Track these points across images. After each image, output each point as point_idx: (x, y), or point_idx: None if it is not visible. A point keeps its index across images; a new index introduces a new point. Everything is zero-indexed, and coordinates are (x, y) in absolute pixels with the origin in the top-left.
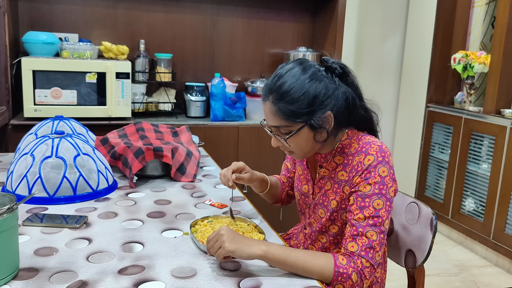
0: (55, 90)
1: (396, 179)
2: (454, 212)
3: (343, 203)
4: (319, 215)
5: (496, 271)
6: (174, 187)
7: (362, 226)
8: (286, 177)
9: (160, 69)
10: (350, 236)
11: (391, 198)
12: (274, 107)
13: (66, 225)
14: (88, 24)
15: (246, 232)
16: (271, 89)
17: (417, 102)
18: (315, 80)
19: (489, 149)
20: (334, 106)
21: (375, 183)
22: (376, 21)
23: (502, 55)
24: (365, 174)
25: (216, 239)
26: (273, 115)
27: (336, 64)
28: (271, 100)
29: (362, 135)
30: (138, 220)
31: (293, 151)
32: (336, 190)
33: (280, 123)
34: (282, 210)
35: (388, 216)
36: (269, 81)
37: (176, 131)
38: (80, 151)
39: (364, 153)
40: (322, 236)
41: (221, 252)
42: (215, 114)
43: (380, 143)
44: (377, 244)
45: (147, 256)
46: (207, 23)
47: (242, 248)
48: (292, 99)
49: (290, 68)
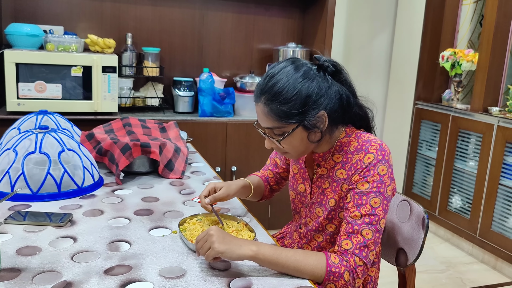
0: (39, 84)
1: (394, 179)
2: (441, 209)
3: (341, 202)
4: (316, 214)
5: (482, 268)
6: (162, 184)
7: (358, 224)
8: (273, 172)
9: (148, 64)
10: (345, 234)
11: (389, 197)
12: (267, 108)
13: (50, 223)
14: (74, 17)
15: (236, 231)
16: (263, 89)
17: (405, 99)
18: (308, 79)
19: (476, 147)
20: (327, 105)
21: (373, 181)
22: (365, 18)
23: (489, 53)
24: (364, 172)
25: (205, 240)
26: (265, 117)
27: (328, 62)
28: (263, 101)
29: (361, 133)
30: (125, 218)
31: (287, 152)
32: (334, 189)
33: (273, 124)
34: (270, 207)
35: (385, 215)
36: (260, 81)
37: (164, 127)
38: (64, 146)
39: (364, 151)
40: (319, 235)
41: (211, 253)
42: (204, 109)
43: (380, 141)
44: (371, 243)
45: (134, 256)
46: (196, 17)
47: (232, 248)
48: (285, 100)
49: (282, 68)
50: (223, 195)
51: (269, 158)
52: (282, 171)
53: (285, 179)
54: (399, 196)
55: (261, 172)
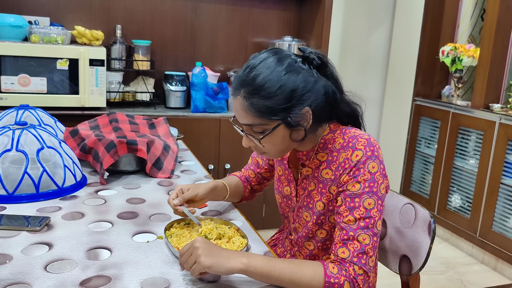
0: (23, 77)
1: (387, 175)
2: (440, 208)
3: (331, 205)
4: (304, 219)
5: (482, 269)
6: (149, 184)
7: (353, 229)
8: (255, 172)
9: (138, 57)
10: (340, 241)
11: (383, 196)
12: (247, 102)
13: (24, 228)
14: (61, 7)
15: (228, 237)
16: (243, 82)
17: (403, 95)
18: (293, 72)
19: (476, 145)
20: (313, 102)
21: (364, 180)
22: (363, 12)
23: (491, 48)
24: (354, 172)
25: (190, 253)
26: (245, 112)
27: (314, 54)
28: (242, 94)
29: (346, 129)
30: (107, 221)
31: (266, 152)
32: (321, 191)
33: (253, 121)
34: (265, 205)
35: (381, 216)
36: (240, 72)
37: (153, 123)
38: (44, 144)
39: (351, 148)
40: (309, 242)
41: (197, 268)
42: (196, 105)
43: (368, 136)
44: (370, 249)
45: (114, 265)
46: (188, 9)
47: (220, 262)
48: (268, 94)
49: (264, 59)
50: (192, 195)
51: (250, 158)
52: (264, 171)
53: (268, 179)
54: (403, 198)
55: (242, 172)
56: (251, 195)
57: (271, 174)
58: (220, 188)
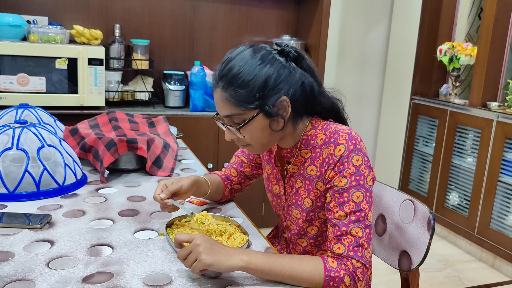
0: (22, 77)
1: (371, 166)
2: (438, 206)
3: (319, 201)
4: (294, 216)
5: (480, 266)
6: (150, 182)
7: (345, 224)
8: (237, 170)
9: (137, 56)
10: (335, 238)
11: (370, 187)
12: (225, 93)
13: (26, 226)
14: (59, 7)
15: (229, 234)
16: (220, 75)
17: (401, 94)
18: (266, 63)
19: (474, 143)
20: (289, 91)
21: (350, 174)
22: (360, 11)
23: (489, 46)
24: (338, 166)
25: (190, 250)
26: (224, 103)
27: (289, 47)
28: (221, 86)
29: (327, 124)
30: (108, 219)
31: (249, 144)
32: (308, 187)
33: (232, 111)
34: (264, 204)
35: (370, 208)
36: (218, 66)
37: (153, 122)
38: (44, 142)
39: (333, 143)
40: (302, 239)
41: (197, 266)
42: (195, 104)
43: (349, 130)
44: (364, 241)
45: (116, 261)
46: (187, 8)
47: (221, 260)
48: (242, 83)
49: (239, 52)
50: (176, 187)
51: (233, 156)
52: (249, 170)
53: (250, 179)
54: (402, 195)
55: (223, 171)
56: (231, 194)
57: (254, 173)
58: (202, 183)
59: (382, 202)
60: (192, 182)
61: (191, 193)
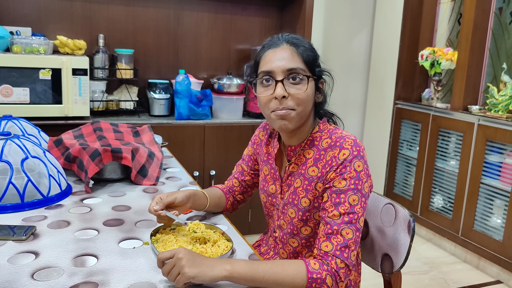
0: (5, 88)
1: (370, 175)
2: (423, 209)
3: (316, 201)
4: (289, 216)
5: (465, 268)
6: (135, 191)
7: (337, 223)
8: (239, 180)
9: (121, 66)
10: (324, 235)
11: (367, 194)
12: (295, 48)
13: (10, 237)
14: (42, 17)
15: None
16: (286, 37)
17: (385, 99)
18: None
19: (457, 146)
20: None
21: (350, 178)
22: (343, 17)
23: (468, 51)
24: (340, 169)
25: (173, 264)
26: (293, 56)
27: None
28: (290, 42)
29: (333, 129)
30: (93, 229)
31: (293, 108)
32: (306, 188)
33: (300, 65)
34: (250, 211)
35: (363, 213)
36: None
37: (138, 131)
38: (28, 153)
39: (338, 147)
40: (293, 239)
41: (181, 279)
42: (180, 112)
43: (354, 137)
44: (352, 243)
45: (101, 271)
46: (171, 17)
47: (204, 271)
48: (310, 48)
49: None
50: (170, 199)
51: (235, 166)
52: (249, 179)
53: (251, 188)
54: (383, 199)
55: (225, 184)
56: (233, 207)
57: (254, 182)
58: (200, 196)
59: None
60: (188, 195)
61: (188, 206)
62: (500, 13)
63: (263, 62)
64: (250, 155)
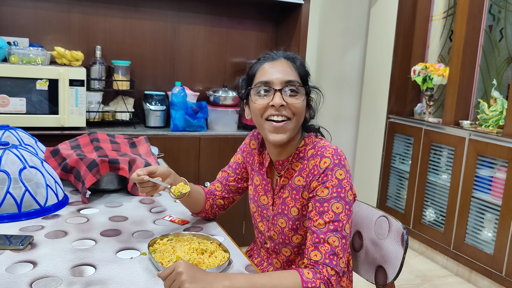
0: (2, 98)
1: (352, 185)
2: (415, 223)
3: (304, 210)
4: (279, 226)
5: (456, 281)
6: (131, 202)
7: (323, 232)
8: (222, 184)
9: (118, 77)
10: (312, 245)
11: (350, 201)
12: (292, 63)
13: (8, 247)
14: (40, 28)
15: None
16: (282, 53)
17: (378, 113)
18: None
19: (448, 160)
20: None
21: (332, 186)
22: (337, 33)
23: (460, 67)
24: (322, 178)
25: (174, 279)
26: (291, 70)
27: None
28: (286, 58)
29: (318, 141)
30: (91, 239)
31: (290, 117)
32: (294, 197)
33: (296, 78)
34: (245, 222)
35: (349, 220)
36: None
37: (134, 142)
38: (26, 163)
39: (319, 156)
40: (286, 249)
41: None
42: (176, 124)
43: (335, 147)
44: (340, 250)
45: (99, 281)
46: (168, 30)
47: (204, 287)
48: (304, 64)
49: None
50: (152, 168)
51: (220, 172)
52: (234, 184)
53: (234, 193)
54: (377, 212)
55: (208, 187)
56: (211, 210)
57: (238, 187)
58: (179, 177)
59: (359, 219)
60: (169, 169)
61: (169, 180)
62: (490, 30)
63: (260, 73)
64: (240, 163)
